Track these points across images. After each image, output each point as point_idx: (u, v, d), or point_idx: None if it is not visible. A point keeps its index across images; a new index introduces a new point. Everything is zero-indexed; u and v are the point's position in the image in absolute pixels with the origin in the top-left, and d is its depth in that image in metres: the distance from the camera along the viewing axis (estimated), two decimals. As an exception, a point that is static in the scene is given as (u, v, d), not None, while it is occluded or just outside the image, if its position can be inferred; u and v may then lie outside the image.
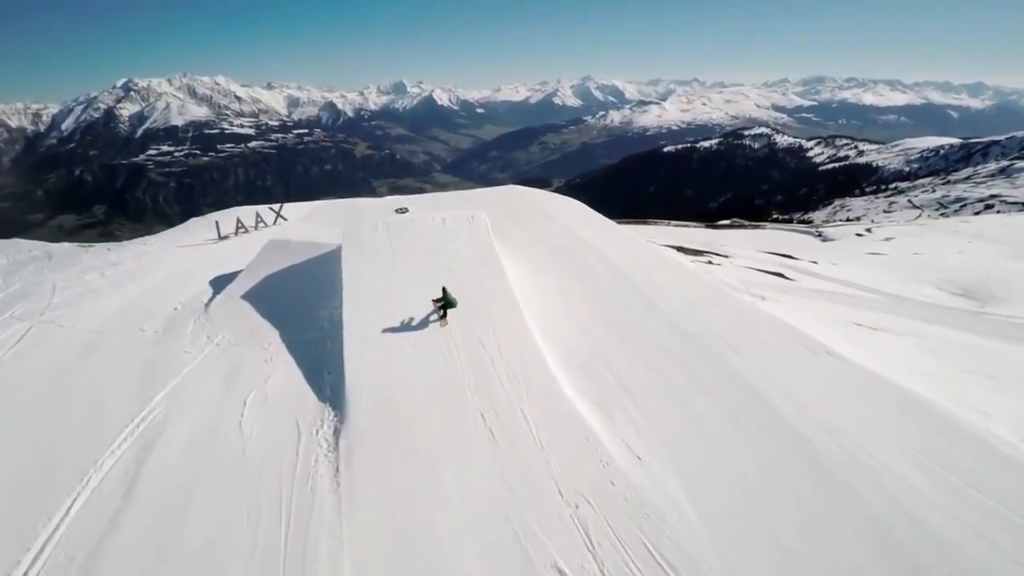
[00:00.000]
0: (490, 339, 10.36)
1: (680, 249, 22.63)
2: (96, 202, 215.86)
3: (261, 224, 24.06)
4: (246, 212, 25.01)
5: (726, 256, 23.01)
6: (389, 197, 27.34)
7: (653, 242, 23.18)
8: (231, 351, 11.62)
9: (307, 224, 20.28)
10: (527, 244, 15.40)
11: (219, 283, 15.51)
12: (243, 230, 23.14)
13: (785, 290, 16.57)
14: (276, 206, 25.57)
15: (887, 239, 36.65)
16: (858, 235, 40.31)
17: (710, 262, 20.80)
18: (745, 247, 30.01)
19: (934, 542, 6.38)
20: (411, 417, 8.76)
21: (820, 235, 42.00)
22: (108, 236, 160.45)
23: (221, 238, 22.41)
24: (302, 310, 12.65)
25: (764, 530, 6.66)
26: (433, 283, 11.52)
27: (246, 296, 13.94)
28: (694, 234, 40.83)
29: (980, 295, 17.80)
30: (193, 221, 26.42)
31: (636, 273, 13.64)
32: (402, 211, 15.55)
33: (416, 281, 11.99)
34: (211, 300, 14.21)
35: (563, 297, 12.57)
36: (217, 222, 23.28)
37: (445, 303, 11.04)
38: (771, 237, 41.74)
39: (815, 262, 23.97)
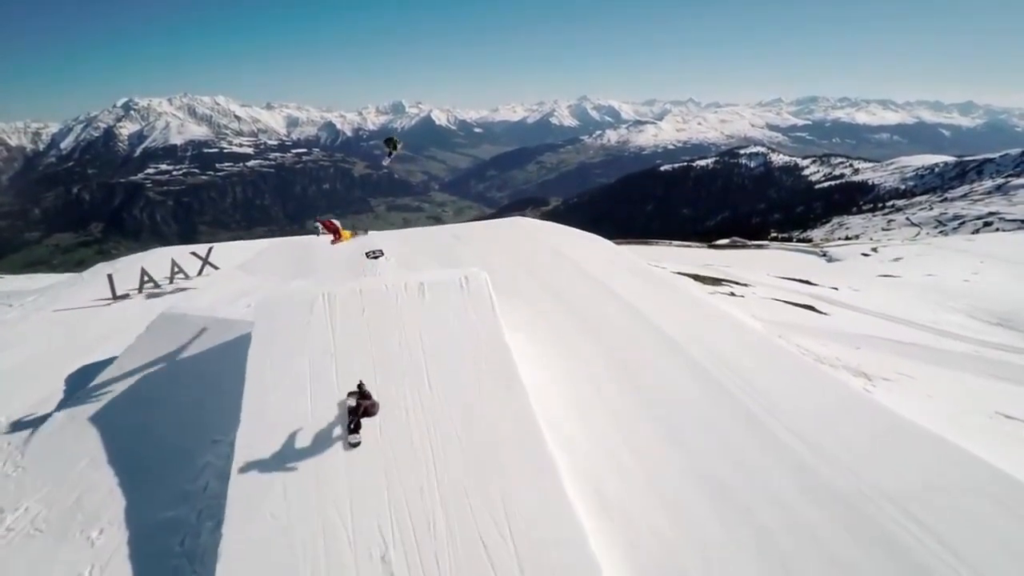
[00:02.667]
0: (497, 520, 5.43)
1: (696, 277, 21.48)
2: (93, 220, 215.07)
3: (179, 276, 17.61)
4: (161, 258, 18.34)
5: (746, 285, 21.86)
6: (361, 235, 24.16)
7: (659, 265, 22.05)
8: (26, 550, 6.54)
9: (244, 275, 15.49)
10: (551, 313, 10.87)
11: (78, 381, 10.12)
12: (151, 285, 17.00)
13: (835, 335, 14.23)
14: (204, 249, 18.97)
15: (896, 259, 35.74)
16: (864, 255, 39.40)
17: (732, 293, 19.67)
18: (755, 270, 28.98)
19: None
20: None
21: (825, 255, 41.04)
22: (105, 254, 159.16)
23: (116, 298, 16.34)
24: (178, 450, 7.68)
25: None
26: (398, 408, 6.82)
27: (98, 416, 8.59)
28: (696, 255, 39.83)
29: (1018, 324, 16.72)
30: (91, 271, 19.52)
31: (711, 358, 9.21)
32: (375, 255, 12.24)
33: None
34: (42, 422, 8.86)
35: (612, 413, 7.84)
36: (111, 276, 16.90)
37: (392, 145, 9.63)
38: (776, 258, 40.75)
39: (835, 288, 22.88)
